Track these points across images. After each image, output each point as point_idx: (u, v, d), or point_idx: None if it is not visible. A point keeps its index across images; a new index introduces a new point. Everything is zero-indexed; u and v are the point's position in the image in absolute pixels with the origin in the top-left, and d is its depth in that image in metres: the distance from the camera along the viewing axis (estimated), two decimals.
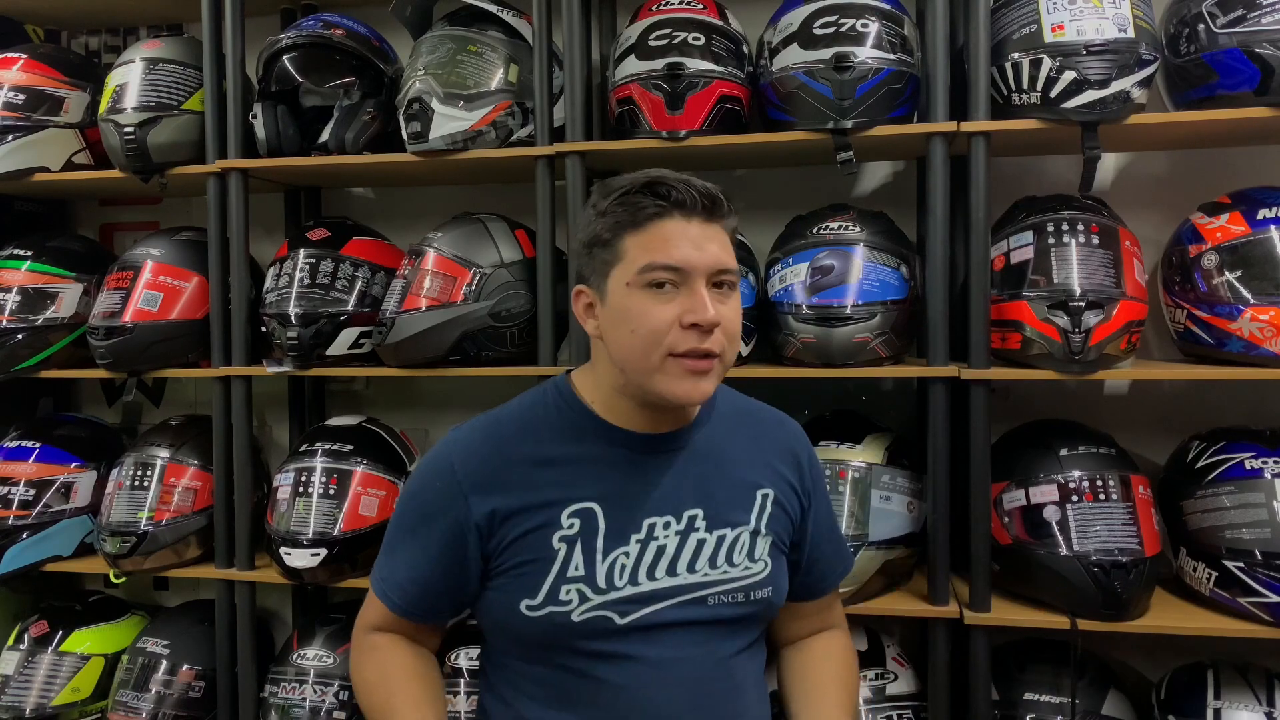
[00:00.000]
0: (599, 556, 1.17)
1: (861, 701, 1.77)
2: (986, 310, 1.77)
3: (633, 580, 1.17)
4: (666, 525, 1.19)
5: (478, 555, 1.19)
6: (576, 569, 1.16)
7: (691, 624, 1.19)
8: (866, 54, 1.77)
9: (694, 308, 1.10)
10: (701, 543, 1.20)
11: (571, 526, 1.17)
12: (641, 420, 1.22)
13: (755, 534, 1.24)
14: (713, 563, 1.20)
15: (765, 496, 1.26)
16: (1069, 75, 1.68)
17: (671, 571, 1.18)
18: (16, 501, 2.21)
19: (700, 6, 1.93)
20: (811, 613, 1.39)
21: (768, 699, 1.31)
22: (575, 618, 1.15)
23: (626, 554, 1.18)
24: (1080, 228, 1.76)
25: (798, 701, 1.33)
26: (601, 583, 1.16)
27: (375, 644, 1.31)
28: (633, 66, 1.89)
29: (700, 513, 1.21)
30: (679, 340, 1.10)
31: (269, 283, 2.13)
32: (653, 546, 1.18)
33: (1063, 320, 1.70)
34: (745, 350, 1.92)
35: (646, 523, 1.19)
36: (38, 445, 2.30)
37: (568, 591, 1.16)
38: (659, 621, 1.17)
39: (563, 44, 1.97)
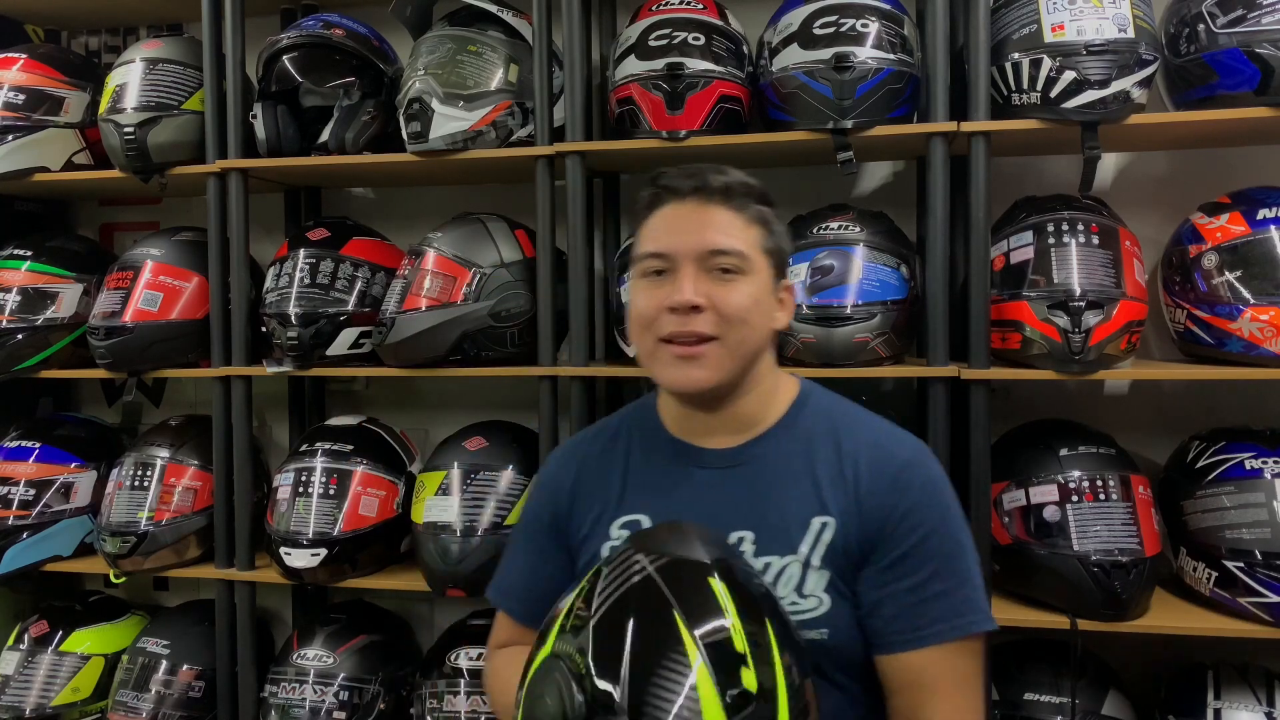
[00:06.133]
0: None
1: None
2: (986, 310, 1.76)
3: None
4: None
5: (569, 551, 1.23)
6: None
7: None
8: (866, 54, 1.77)
9: (672, 291, 1.10)
10: None
11: (619, 538, 1.17)
12: (696, 427, 1.18)
13: (806, 566, 1.09)
14: None
15: (824, 525, 1.10)
16: (1069, 75, 1.68)
17: None
18: (16, 501, 2.21)
19: (700, 6, 1.93)
20: (894, 688, 1.10)
21: None
22: None
23: None
24: (1080, 228, 1.76)
25: None
26: None
27: (501, 655, 1.26)
28: (633, 66, 1.89)
29: (750, 535, 1.11)
30: (663, 324, 1.10)
31: (269, 283, 2.13)
32: None
33: (1063, 320, 1.70)
34: None
35: None
36: (38, 445, 2.30)
37: None
38: None
39: (563, 44, 1.97)
